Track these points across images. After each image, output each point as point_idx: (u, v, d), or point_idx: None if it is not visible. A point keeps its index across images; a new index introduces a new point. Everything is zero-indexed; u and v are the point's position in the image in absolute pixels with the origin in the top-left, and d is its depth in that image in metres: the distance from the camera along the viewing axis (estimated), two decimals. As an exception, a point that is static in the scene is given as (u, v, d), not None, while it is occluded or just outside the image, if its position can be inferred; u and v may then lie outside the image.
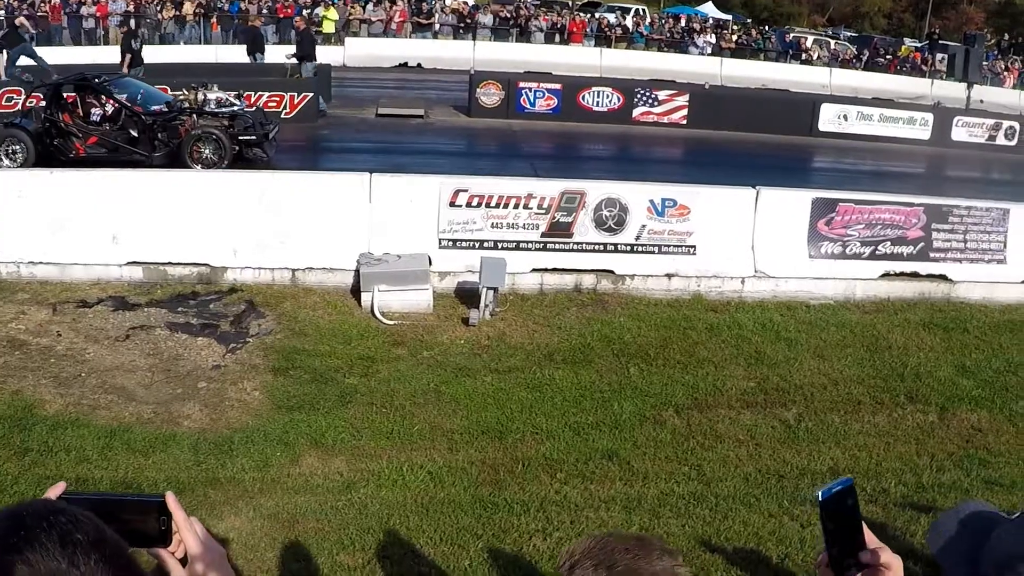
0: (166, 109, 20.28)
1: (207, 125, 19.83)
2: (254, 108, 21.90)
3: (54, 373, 11.43)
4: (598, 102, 29.53)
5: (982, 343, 13.85)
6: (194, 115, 20.07)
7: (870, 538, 2.04)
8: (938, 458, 10.24)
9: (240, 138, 19.94)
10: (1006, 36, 62.66)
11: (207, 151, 19.52)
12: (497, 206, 14.50)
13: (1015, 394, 12.10)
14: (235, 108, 20.78)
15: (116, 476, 9.12)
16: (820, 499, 2.04)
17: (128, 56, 27.15)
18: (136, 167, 17.14)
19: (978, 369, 12.85)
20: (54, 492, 1.83)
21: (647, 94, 29.84)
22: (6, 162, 19.02)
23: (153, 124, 19.82)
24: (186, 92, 20.90)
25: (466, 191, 14.48)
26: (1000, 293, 15.63)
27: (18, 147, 19.28)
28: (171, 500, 1.94)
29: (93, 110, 20.07)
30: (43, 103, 20.18)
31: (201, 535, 1.96)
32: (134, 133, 19.77)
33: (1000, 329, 14.43)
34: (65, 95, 20.19)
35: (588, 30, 47.13)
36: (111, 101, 20.06)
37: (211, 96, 20.80)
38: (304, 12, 41.83)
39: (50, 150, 19.49)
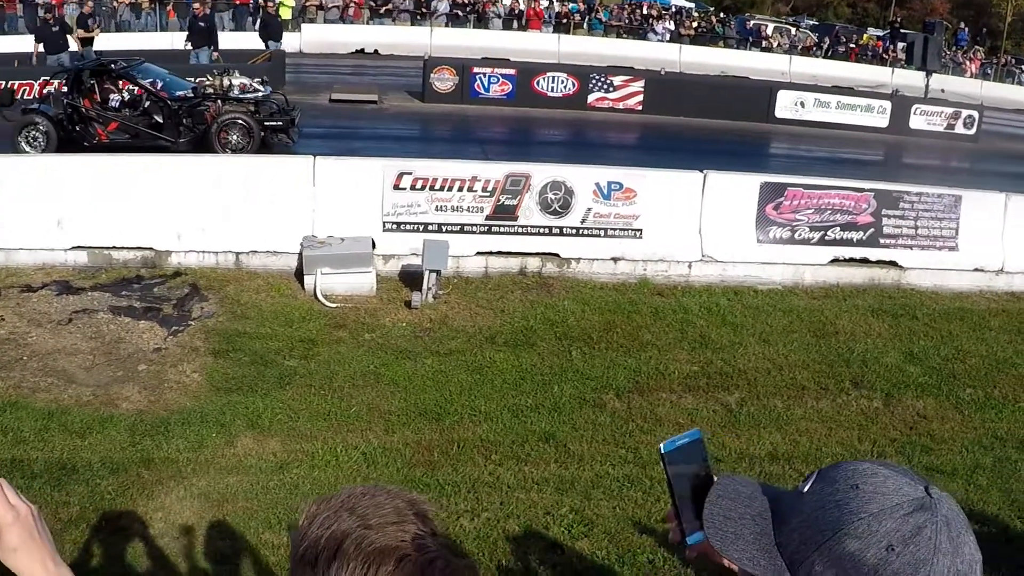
0: (191, 95, 20.20)
1: (233, 111, 19.78)
2: (279, 94, 21.79)
3: (-5, 357, 11.40)
4: (553, 87, 29.53)
5: (931, 330, 13.86)
6: (219, 101, 19.99)
7: None
8: (880, 444, 10.29)
9: (266, 123, 19.91)
10: (962, 25, 62.87)
11: (234, 137, 19.50)
12: (441, 189, 14.48)
13: (963, 382, 12.13)
14: (260, 94, 20.73)
15: (51, 457, 9.13)
16: (663, 451, 1.97)
17: (41, 44, 27.03)
18: (161, 152, 17.04)
19: (926, 356, 12.88)
20: None
21: (602, 80, 29.85)
22: (28, 149, 18.93)
23: (179, 110, 19.74)
24: (210, 78, 20.79)
25: (410, 174, 14.45)
26: (951, 280, 15.65)
27: (39, 133, 19.20)
28: None
29: (112, 96, 19.97)
30: (64, 89, 20.03)
31: (10, 496, 1.97)
32: (158, 119, 19.71)
33: (950, 317, 14.46)
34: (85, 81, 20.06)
35: (547, 16, 47.08)
36: (135, 87, 20.03)
37: (235, 82, 20.68)
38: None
39: (72, 136, 19.39)
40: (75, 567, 2.07)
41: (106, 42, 29.37)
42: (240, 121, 19.56)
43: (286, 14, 38.62)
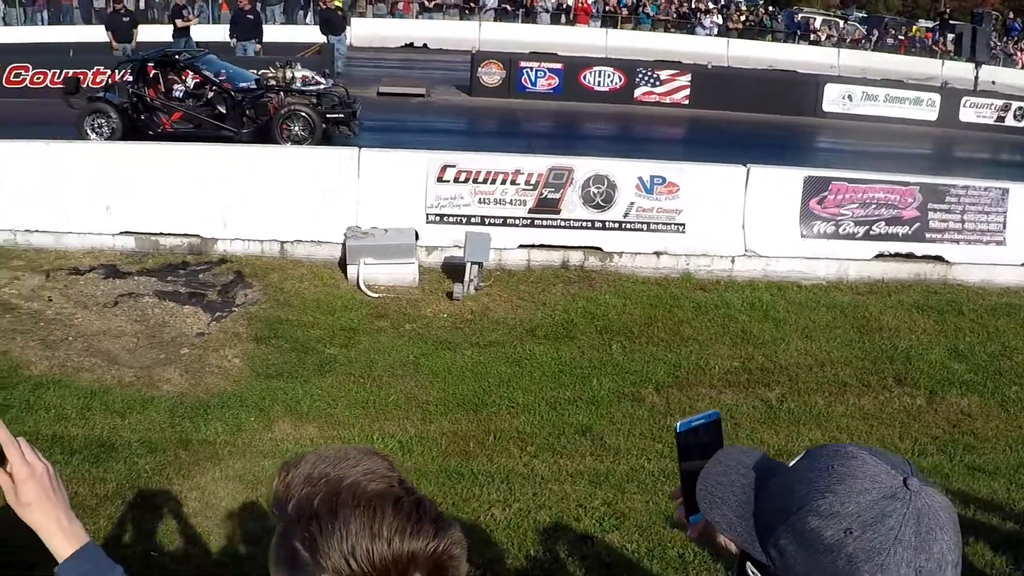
0: (254, 86, 20.41)
1: (295, 102, 19.91)
2: (340, 87, 21.94)
3: (42, 336, 11.61)
4: (599, 82, 29.47)
5: (977, 326, 13.65)
6: (281, 92, 20.13)
7: None
8: (921, 442, 10.15)
9: (328, 116, 20.04)
10: (1012, 15, 62.03)
11: (296, 128, 19.61)
12: (484, 182, 14.52)
13: (1009, 379, 11.95)
14: (322, 86, 20.92)
15: (91, 435, 9.31)
16: (677, 430, 2.00)
17: (111, 33, 27.32)
18: (209, 141, 17.19)
19: (971, 353, 12.69)
20: None
21: (649, 74, 29.75)
22: (92, 136, 19.17)
23: (242, 101, 19.95)
24: (273, 70, 21.02)
25: (453, 167, 14.50)
26: (999, 276, 15.37)
27: (104, 121, 19.45)
28: None
29: (175, 86, 20.22)
30: (129, 78, 20.26)
31: (27, 454, 2.04)
32: (222, 109, 19.93)
33: (997, 312, 14.23)
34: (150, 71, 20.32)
35: (594, 11, 46.98)
36: (198, 77, 20.26)
37: (297, 74, 20.90)
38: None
39: (136, 125, 19.65)
40: (109, 541, 2.16)
41: (158, 34, 29.58)
42: (302, 113, 19.67)
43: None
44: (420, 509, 1.59)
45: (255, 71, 21.48)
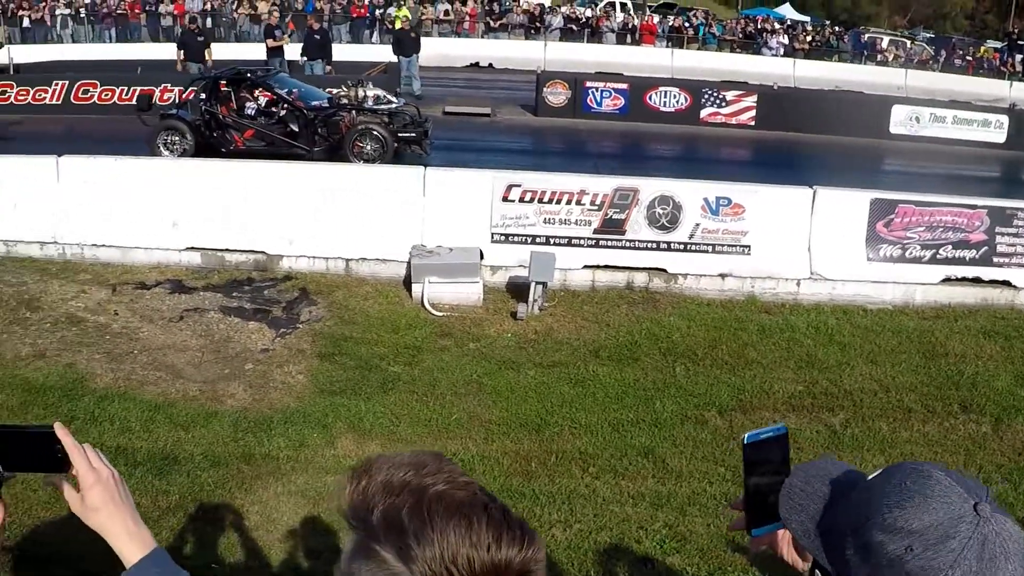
0: (326, 105, 20.53)
1: (368, 121, 19.96)
2: (412, 106, 22.04)
3: (108, 349, 11.80)
4: (665, 102, 29.34)
5: (1046, 353, 13.41)
6: (354, 111, 20.20)
7: None
8: (986, 470, 9.99)
9: (400, 135, 20.07)
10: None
11: (368, 147, 19.65)
12: (550, 202, 14.52)
13: (1078, 407, 11.73)
14: (393, 105, 20.96)
15: (155, 447, 9.45)
16: (744, 441, 2.01)
17: (182, 52, 27.60)
18: (275, 159, 17.30)
19: (1039, 380, 12.48)
20: None
21: (715, 95, 29.58)
22: (165, 153, 19.39)
23: (314, 119, 20.05)
24: (345, 88, 21.07)
25: (519, 186, 14.53)
26: (1067, 302, 15.05)
27: (177, 138, 19.69)
28: (59, 429, 2.03)
29: (247, 104, 20.42)
30: (201, 95, 20.47)
31: (92, 459, 2.05)
32: (294, 127, 20.07)
33: (1068, 339, 13.97)
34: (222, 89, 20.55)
35: (660, 31, 46.95)
36: (270, 95, 20.46)
37: (369, 93, 20.92)
38: (377, 12, 42.28)
39: (209, 142, 19.86)
40: (171, 552, 2.15)
41: (226, 52, 29.89)
42: (375, 132, 19.71)
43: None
44: (507, 516, 1.59)
45: (328, 90, 21.59)
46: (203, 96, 20.22)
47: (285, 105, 20.22)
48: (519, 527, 1.58)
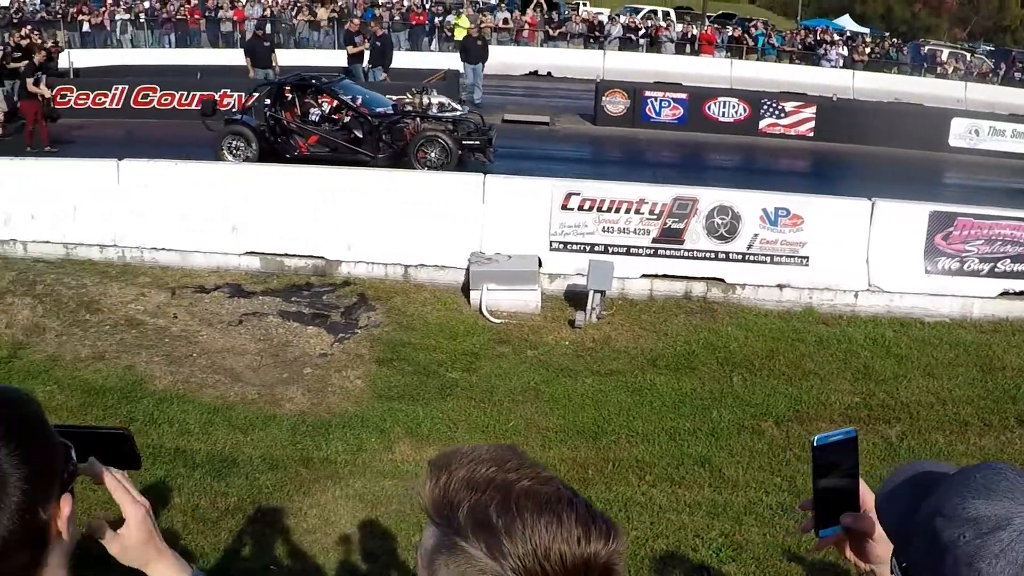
0: (391, 112, 20.64)
1: (432, 128, 20.02)
2: (476, 114, 22.11)
3: (167, 352, 11.94)
4: (724, 112, 29.19)
5: (1104, 368, 13.26)
6: (418, 118, 20.28)
7: (864, 501, 2.04)
8: (1043, 483, 9.93)
9: (464, 142, 20.07)
10: None
11: (433, 154, 19.68)
12: (609, 210, 14.53)
13: None
14: (458, 113, 21.09)
15: (214, 449, 9.57)
16: (814, 444, 2.01)
17: (250, 59, 27.78)
18: (334, 165, 17.43)
19: (1098, 395, 12.36)
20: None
21: (774, 105, 29.39)
22: (230, 157, 19.55)
23: (379, 126, 20.11)
24: (410, 96, 21.24)
25: (578, 195, 14.55)
26: None
27: (241, 143, 19.84)
28: (110, 481, 2.00)
29: (311, 110, 20.59)
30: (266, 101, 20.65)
31: (134, 492, 2.02)
32: (358, 134, 20.16)
33: (1124, 354, 13.82)
34: (287, 95, 20.71)
35: (719, 41, 46.80)
36: (334, 102, 20.59)
37: (434, 100, 21.09)
38: (436, 19, 42.44)
39: (274, 147, 19.98)
40: (229, 553, 2.18)
41: (285, 58, 30.05)
42: (439, 139, 19.73)
43: (461, 35, 39.10)
44: (591, 510, 1.60)
45: (392, 96, 21.70)
46: (268, 102, 20.36)
47: (349, 111, 20.30)
48: (604, 521, 1.59)
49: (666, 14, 54.06)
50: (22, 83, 22.26)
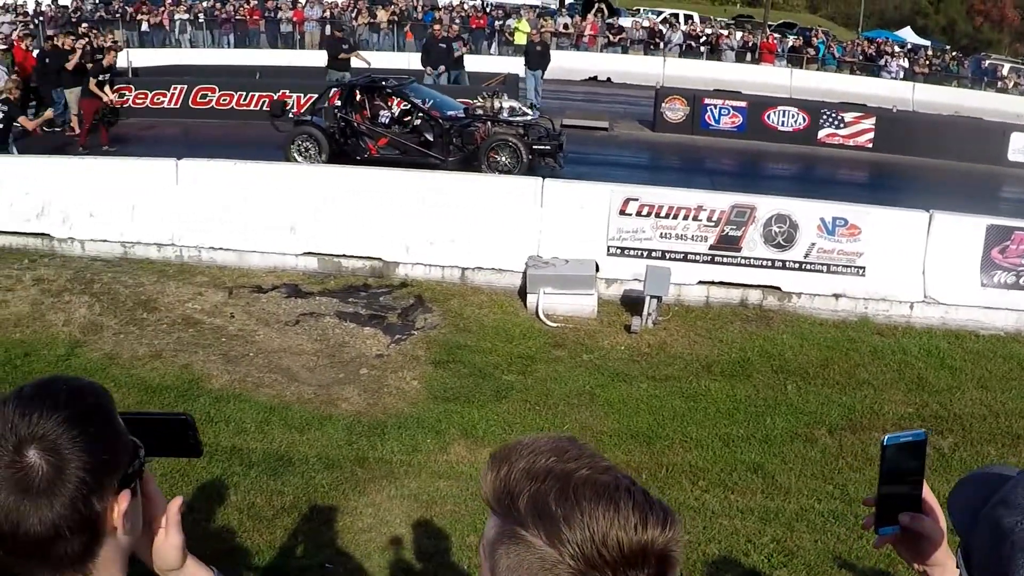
0: (462, 115, 20.74)
1: (503, 133, 20.04)
2: (547, 119, 22.10)
3: (223, 351, 12.08)
4: (783, 121, 29.06)
5: None
6: (489, 122, 20.33)
7: (927, 503, 2.10)
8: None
9: (534, 147, 20.07)
10: None
11: (503, 158, 19.69)
12: (667, 216, 14.54)
13: None
14: (528, 117, 21.09)
15: (270, 448, 9.68)
16: (884, 443, 2.06)
17: (331, 58, 27.91)
18: (392, 167, 17.48)
19: None
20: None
21: (833, 115, 29.22)
22: (299, 159, 19.68)
23: (449, 129, 20.16)
24: (481, 99, 21.30)
25: (636, 200, 14.58)
26: None
27: (311, 144, 19.96)
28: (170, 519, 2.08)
29: (381, 112, 20.70)
30: (337, 103, 20.83)
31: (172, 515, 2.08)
32: (428, 136, 20.22)
33: None
34: (358, 96, 20.83)
35: (780, 50, 46.61)
36: (406, 104, 20.69)
37: (505, 104, 21.10)
38: (496, 24, 42.53)
39: (343, 149, 20.13)
40: (285, 551, 2.24)
41: (356, 60, 30.21)
42: (510, 143, 19.74)
43: (521, 40, 39.15)
44: (648, 498, 1.65)
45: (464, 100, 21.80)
46: (338, 103, 20.48)
47: (420, 114, 20.39)
48: (661, 508, 1.64)
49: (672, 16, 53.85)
50: (86, 82, 22.47)
